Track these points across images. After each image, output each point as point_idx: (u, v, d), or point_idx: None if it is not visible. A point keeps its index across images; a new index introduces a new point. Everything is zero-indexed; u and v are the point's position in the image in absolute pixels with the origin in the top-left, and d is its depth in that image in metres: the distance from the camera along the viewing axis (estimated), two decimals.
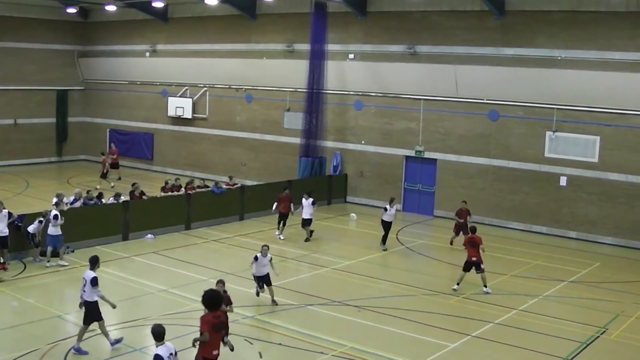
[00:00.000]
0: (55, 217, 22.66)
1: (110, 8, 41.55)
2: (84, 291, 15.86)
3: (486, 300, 20.50)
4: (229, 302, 15.42)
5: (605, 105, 28.50)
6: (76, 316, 18.26)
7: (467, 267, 21.41)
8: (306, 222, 27.16)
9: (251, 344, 13.22)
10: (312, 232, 27.19)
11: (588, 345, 17.34)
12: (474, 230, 22.07)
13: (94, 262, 16.18)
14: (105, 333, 16.07)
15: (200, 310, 18.65)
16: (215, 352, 12.77)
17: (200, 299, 12.89)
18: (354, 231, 25.50)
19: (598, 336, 17.99)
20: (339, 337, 17.16)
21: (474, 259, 21.27)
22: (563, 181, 29.72)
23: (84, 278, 16.03)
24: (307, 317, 18.84)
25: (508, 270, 23.78)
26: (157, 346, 11.78)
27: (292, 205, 27.39)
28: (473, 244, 21.38)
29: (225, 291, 15.37)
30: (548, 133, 29.95)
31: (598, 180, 29.01)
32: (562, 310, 19.98)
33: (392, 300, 20.11)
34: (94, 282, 15.74)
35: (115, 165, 39.76)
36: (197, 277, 21.63)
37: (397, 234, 28.89)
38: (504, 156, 31.24)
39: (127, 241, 26.17)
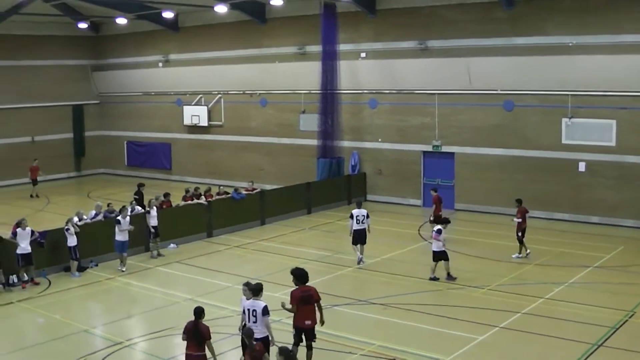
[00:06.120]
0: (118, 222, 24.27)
1: (121, 21, 41.82)
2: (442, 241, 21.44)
3: (512, 291, 20.47)
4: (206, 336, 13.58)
5: (620, 88, 28.36)
6: (103, 329, 18.41)
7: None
8: None
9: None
10: None
11: (617, 329, 17.29)
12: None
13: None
14: (448, 269, 21.60)
15: (226, 317, 18.79)
16: (307, 322, 14.68)
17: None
18: (374, 229, 25.46)
19: (626, 320, 17.93)
20: (366, 336, 17.22)
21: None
22: (582, 167, 29.59)
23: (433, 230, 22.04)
24: (333, 317, 18.81)
25: (532, 260, 23.73)
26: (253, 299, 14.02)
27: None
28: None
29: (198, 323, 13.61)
30: (564, 120, 29.84)
31: (616, 164, 28.88)
32: (588, 296, 19.93)
33: (417, 296, 20.12)
34: (439, 231, 21.52)
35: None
36: (222, 284, 21.72)
37: (419, 229, 28.90)
38: (521, 146, 31.15)
39: (149, 252, 26.28)
